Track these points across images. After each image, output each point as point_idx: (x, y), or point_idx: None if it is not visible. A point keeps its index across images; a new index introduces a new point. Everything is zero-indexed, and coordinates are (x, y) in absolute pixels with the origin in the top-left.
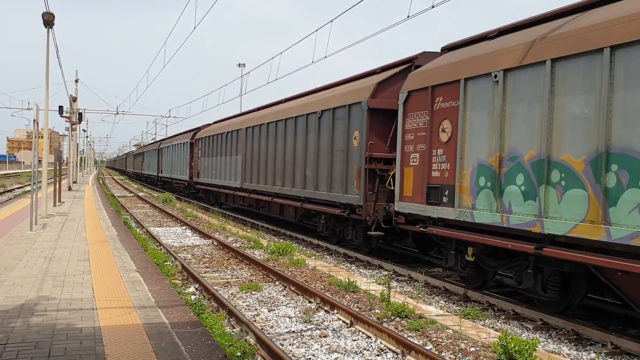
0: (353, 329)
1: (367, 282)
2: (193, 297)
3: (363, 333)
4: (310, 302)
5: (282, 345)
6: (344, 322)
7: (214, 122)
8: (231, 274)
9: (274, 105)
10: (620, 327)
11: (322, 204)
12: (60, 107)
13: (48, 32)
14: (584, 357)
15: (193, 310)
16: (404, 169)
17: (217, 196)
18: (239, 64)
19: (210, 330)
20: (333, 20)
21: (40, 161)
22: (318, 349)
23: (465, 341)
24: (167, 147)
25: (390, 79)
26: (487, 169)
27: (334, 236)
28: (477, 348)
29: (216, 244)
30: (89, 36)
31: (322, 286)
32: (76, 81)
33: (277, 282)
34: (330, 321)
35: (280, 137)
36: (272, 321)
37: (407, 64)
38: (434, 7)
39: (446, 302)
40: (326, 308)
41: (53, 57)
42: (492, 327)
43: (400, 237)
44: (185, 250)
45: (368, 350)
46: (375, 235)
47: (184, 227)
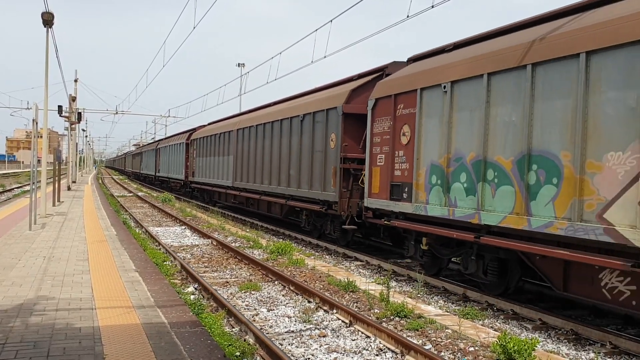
0: (352, 328)
1: (366, 282)
2: (192, 296)
3: (362, 333)
4: (309, 301)
5: (281, 345)
6: (343, 321)
7: (209, 124)
8: (230, 273)
9: (263, 108)
10: (619, 327)
11: (304, 201)
12: (60, 107)
13: (47, 31)
14: (583, 356)
15: (192, 310)
16: (372, 168)
17: (211, 194)
18: (239, 64)
19: (209, 330)
20: (332, 20)
21: (39, 161)
22: (317, 349)
23: (464, 341)
24: (165, 147)
25: (363, 86)
26: (438, 168)
27: (315, 231)
28: (476, 348)
29: (215, 243)
30: (88, 36)
31: (322, 286)
32: (75, 81)
33: (277, 282)
34: (330, 321)
35: (268, 138)
36: (271, 321)
37: (379, 73)
38: (433, 7)
39: (445, 301)
40: (325, 308)
41: (52, 56)
42: (491, 327)
43: (375, 231)
44: (184, 249)
45: (367, 350)
46: (350, 229)
47: (183, 227)
